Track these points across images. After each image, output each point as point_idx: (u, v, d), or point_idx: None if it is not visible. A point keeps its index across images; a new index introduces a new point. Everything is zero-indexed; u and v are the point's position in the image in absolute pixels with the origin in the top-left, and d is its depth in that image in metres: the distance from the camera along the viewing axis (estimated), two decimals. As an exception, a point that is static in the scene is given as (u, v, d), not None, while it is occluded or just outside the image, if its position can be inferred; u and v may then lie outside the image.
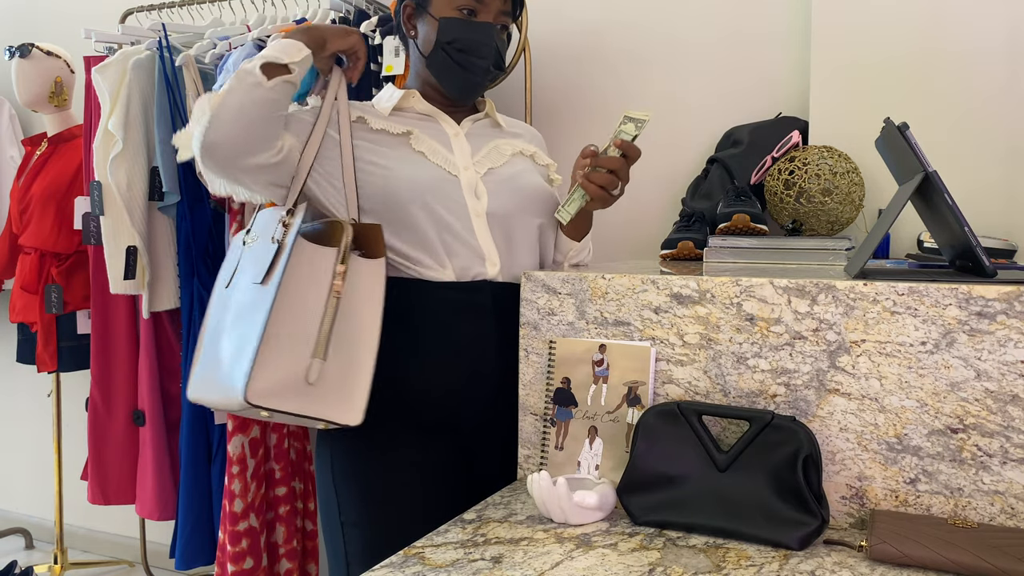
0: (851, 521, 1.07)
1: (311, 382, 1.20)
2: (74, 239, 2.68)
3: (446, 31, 1.38)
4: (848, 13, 1.78)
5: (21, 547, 3.27)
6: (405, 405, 1.35)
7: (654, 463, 1.09)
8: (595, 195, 1.33)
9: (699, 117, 2.07)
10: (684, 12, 2.09)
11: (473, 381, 1.37)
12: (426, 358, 1.35)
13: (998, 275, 1.06)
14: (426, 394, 1.35)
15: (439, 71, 1.42)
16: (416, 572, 0.94)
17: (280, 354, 1.19)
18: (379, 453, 1.35)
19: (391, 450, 1.35)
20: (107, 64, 2.32)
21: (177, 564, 2.36)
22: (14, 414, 3.33)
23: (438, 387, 1.36)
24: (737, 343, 1.12)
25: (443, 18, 1.38)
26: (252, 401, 1.16)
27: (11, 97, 2.99)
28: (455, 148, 1.42)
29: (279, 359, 1.19)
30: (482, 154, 1.43)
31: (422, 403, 1.36)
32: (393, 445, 1.35)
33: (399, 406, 1.34)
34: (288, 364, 1.19)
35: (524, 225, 1.43)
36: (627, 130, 1.31)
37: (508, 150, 1.47)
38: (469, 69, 1.39)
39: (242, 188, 1.31)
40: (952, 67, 1.70)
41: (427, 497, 1.35)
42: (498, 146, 1.46)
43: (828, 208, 1.67)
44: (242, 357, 1.20)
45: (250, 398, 1.16)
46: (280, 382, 1.19)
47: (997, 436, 1.00)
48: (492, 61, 1.41)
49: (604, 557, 0.97)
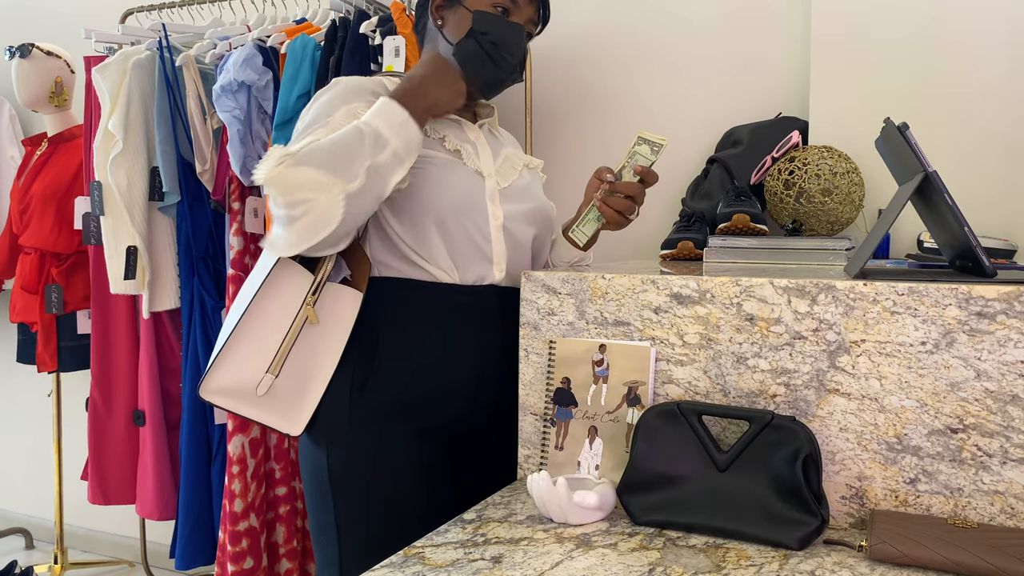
0: (851, 521, 1.07)
1: (259, 395, 1.29)
2: (74, 239, 2.68)
3: (481, 23, 1.36)
4: (848, 13, 1.78)
5: (21, 547, 3.27)
6: (407, 408, 1.33)
7: (654, 463, 1.09)
8: (612, 219, 1.33)
9: (699, 117, 2.07)
10: (684, 13, 2.09)
11: (478, 385, 1.36)
12: (432, 361, 1.34)
13: (998, 275, 1.06)
14: (430, 398, 1.34)
15: (468, 59, 1.37)
16: (416, 572, 0.94)
17: (237, 361, 1.29)
18: (378, 454, 1.33)
19: (391, 452, 1.33)
20: (107, 64, 2.32)
21: (177, 564, 2.36)
22: (14, 414, 3.33)
23: (443, 391, 1.34)
24: (737, 343, 1.12)
25: (478, 11, 1.37)
26: (203, 396, 1.29)
27: (11, 97, 2.99)
28: (480, 152, 1.41)
29: (236, 365, 1.29)
30: (498, 163, 1.43)
31: (426, 406, 1.34)
32: (393, 447, 1.33)
33: (400, 409, 1.33)
34: (242, 372, 1.29)
35: (527, 234, 1.44)
36: (643, 153, 1.30)
37: (518, 162, 1.47)
38: (498, 63, 1.37)
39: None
40: (952, 67, 1.70)
41: (427, 499, 1.33)
42: (508, 157, 1.46)
43: (828, 208, 1.67)
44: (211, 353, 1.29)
45: (202, 393, 1.29)
46: (232, 386, 1.29)
47: (997, 436, 1.00)
48: (519, 62, 1.41)
49: (604, 557, 0.97)
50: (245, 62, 2.08)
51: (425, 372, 1.33)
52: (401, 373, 1.32)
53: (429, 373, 1.33)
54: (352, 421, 1.32)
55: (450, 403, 1.35)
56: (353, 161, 1.20)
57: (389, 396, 1.32)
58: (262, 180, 1.17)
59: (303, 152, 1.18)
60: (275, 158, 1.17)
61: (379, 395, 1.32)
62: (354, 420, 1.32)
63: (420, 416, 1.34)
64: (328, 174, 1.18)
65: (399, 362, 1.32)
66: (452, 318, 1.34)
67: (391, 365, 1.32)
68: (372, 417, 1.32)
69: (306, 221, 1.18)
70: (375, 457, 1.32)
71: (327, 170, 1.18)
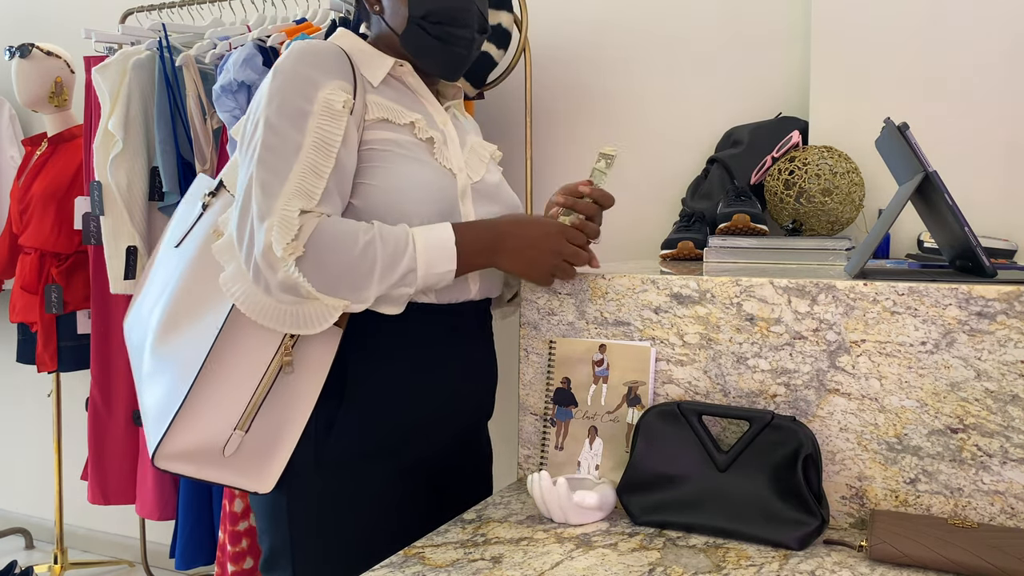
0: (851, 521, 1.07)
1: (227, 455, 1.12)
2: (74, 239, 2.68)
3: (417, 6, 1.21)
4: (848, 13, 1.78)
5: (21, 547, 3.26)
6: (383, 447, 1.19)
7: (654, 463, 1.09)
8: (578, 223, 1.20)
9: (699, 117, 2.07)
10: (684, 12, 2.09)
11: (460, 415, 1.27)
12: (409, 394, 1.20)
13: (998, 275, 1.06)
14: (408, 433, 1.21)
15: (417, 50, 1.23)
16: (416, 572, 0.94)
17: (201, 419, 1.11)
18: (351, 500, 1.18)
19: (364, 498, 1.18)
20: (107, 64, 2.32)
21: (177, 564, 2.36)
22: (14, 414, 3.33)
23: (422, 424, 1.22)
24: (737, 343, 1.12)
25: None
26: (159, 465, 1.11)
27: (11, 97, 2.99)
28: (448, 140, 1.24)
29: (199, 424, 1.11)
30: (466, 154, 1.27)
31: (403, 443, 1.20)
32: (367, 493, 1.18)
33: (373, 449, 1.18)
34: (207, 431, 1.11)
35: None
36: (600, 168, 1.22)
37: (484, 153, 1.32)
38: (452, 42, 1.22)
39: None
40: (952, 67, 1.70)
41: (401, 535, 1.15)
42: (474, 147, 1.30)
43: (828, 208, 1.67)
44: (162, 416, 1.11)
45: (157, 461, 1.11)
46: (195, 448, 1.11)
47: (997, 436, 1.00)
48: (476, 27, 1.24)
49: (604, 557, 0.97)
50: (245, 62, 2.08)
51: (401, 406, 1.19)
52: (373, 410, 1.18)
53: (406, 407, 1.20)
54: (319, 466, 1.16)
55: (431, 437, 1.23)
56: (367, 286, 1.08)
57: (361, 436, 1.17)
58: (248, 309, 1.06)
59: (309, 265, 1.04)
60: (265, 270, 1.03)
61: (349, 436, 1.17)
62: (321, 465, 1.16)
63: (398, 454, 1.20)
64: (331, 297, 1.06)
65: (371, 398, 1.18)
66: (430, 344, 1.21)
67: (363, 402, 1.17)
68: (340, 461, 1.17)
69: (288, 313, 1.07)
70: (346, 503, 1.17)
71: (331, 292, 1.06)
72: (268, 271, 1.04)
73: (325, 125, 1.10)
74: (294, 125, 1.09)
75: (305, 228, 1.05)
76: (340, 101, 1.11)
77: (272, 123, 1.09)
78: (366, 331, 1.17)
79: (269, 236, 1.03)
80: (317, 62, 1.13)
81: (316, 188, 1.07)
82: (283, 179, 1.06)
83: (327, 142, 1.09)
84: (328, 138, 1.09)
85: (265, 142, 1.08)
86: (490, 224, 1.18)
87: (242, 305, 1.07)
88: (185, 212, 1.30)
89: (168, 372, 1.15)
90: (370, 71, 1.21)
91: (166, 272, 1.25)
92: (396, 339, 1.18)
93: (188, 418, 1.10)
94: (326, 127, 1.10)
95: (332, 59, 1.14)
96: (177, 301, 1.18)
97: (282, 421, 1.14)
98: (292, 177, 1.06)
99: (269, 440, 1.14)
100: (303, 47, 1.14)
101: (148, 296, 1.28)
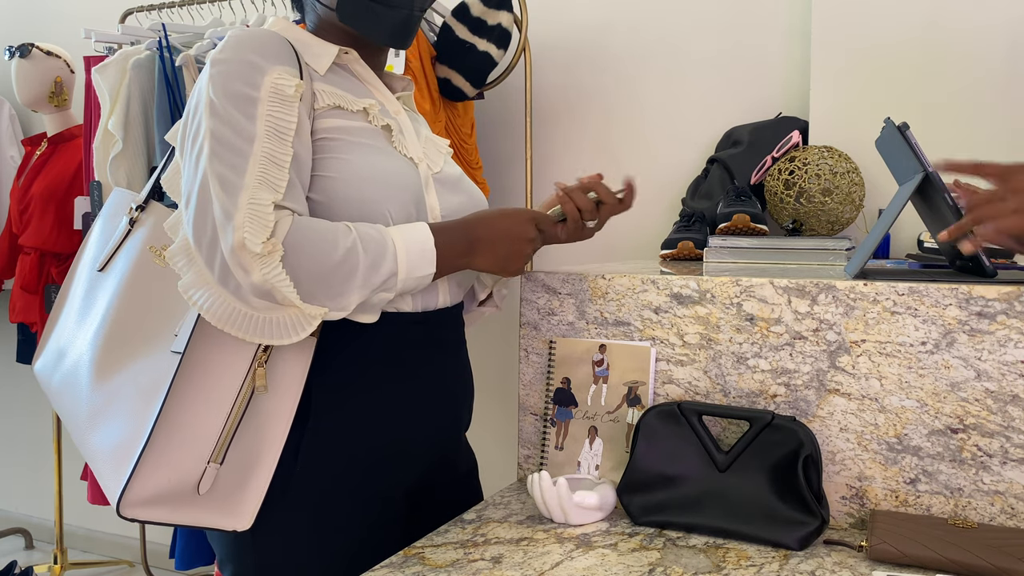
0: (851, 521, 1.07)
1: (202, 493, 1.00)
2: (74, 239, 2.68)
3: None
4: (848, 13, 1.78)
5: (21, 547, 3.26)
6: (354, 471, 1.08)
7: (654, 463, 1.09)
8: (571, 215, 1.13)
9: (699, 117, 2.07)
10: (684, 12, 2.09)
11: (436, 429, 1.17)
12: (382, 412, 1.09)
13: (998, 275, 1.06)
14: (384, 455, 1.10)
15: (356, 20, 1.10)
16: (416, 572, 0.94)
17: (169, 457, 0.98)
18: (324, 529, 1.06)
19: (335, 528, 1.07)
20: (107, 64, 2.31)
21: (177, 564, 2.36)
22: (14, 414, 3.33)
23: (398, 445, 1.11)
24: (737, 343, 1.12)
25: None
26: (124, 514, 0.97)
27: (11, 97, 2.99)
28: (404, 129, 1.15)
29: (167, 463, 0.98)
30: (422, 144, 1.17)
31: (378, 465, 1.09)
32: (337, 523, 1.07)
33: (343, 473, 1.07)
34: (177, 470, 0.98)
35: None
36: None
37: (442, 144, 1.23)
38: (393, 5, 1.10)
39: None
40: (952, 67, 1.70)
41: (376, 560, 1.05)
42: (429, 138, 1.21)
43: (828, 208, 1.67)
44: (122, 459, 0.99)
45: (123, 510, 0.97)
46: (165, 491, 0.98)
47: (997, 436, 1.00)
48: None
49: (604, 557, 0.97)
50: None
51: (373, 428, 1.08)
52: (342, 434, 1.07)
53: (378, 429, 1.09)
54: (284, 495, 1.03)
55: (405, 460, 1.13)
56: (348, 292, 0.98)
57: (330, 463, 1.06)
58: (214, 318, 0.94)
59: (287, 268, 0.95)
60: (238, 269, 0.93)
61: (316, 463, 1.05)
62: (287, 495, 1.04)
63: (370, 480, 1.09)
64: (308, 304, 0.96)
65: (340, 421, 1.07)
66: (403, 358, 1.10)
67: (330, 426, 1.06)
68: (307, 488, 1.05)
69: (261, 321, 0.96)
70: (316, 536, 1.06)
71: (309, 299, 0.96)
72: (239, 271, 0.93)
73: (276, 112, 0.99)
74: (243, 113, 0.98)
75: (280, 225, 0.96)
76: (291, 86, 1.00)
77: (219, 113, 0.97)
78: (329, 346, 1.05)
79: (240, 233, 0.93)
80: (257, 47, 1.01)
81: (280, 179, 0.97)
82: (242, 171, 0.96)
83: (280, 130, 0.99)
84: (281, 126, 0.99)
85: (215, 134, 0.97)
86: (461, 223, 1.09)
87: (208, 313, 0.94)
88: (105, 230, 1.20)
89: (119, 408, 1.03)
90: (314, 59, 1.10)
91: (90, 300, 1.14)
92: (366, 352, 1.08)
93: (154, 456, 0.97)
94: (277, 114, 0.99)
95: (274, 44, 1.03)
96: (113, 329, 1.08)
97: (257, 447, 1.01)
98: (251, 168, 0.96)
99: (244, 469, 1.01)
100: (240, 34, 1.03)
101: (64, 330, 1.16)
